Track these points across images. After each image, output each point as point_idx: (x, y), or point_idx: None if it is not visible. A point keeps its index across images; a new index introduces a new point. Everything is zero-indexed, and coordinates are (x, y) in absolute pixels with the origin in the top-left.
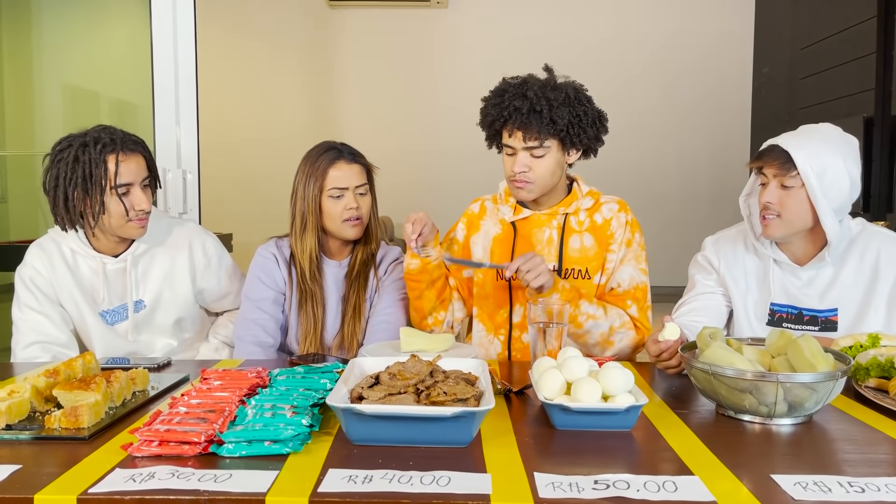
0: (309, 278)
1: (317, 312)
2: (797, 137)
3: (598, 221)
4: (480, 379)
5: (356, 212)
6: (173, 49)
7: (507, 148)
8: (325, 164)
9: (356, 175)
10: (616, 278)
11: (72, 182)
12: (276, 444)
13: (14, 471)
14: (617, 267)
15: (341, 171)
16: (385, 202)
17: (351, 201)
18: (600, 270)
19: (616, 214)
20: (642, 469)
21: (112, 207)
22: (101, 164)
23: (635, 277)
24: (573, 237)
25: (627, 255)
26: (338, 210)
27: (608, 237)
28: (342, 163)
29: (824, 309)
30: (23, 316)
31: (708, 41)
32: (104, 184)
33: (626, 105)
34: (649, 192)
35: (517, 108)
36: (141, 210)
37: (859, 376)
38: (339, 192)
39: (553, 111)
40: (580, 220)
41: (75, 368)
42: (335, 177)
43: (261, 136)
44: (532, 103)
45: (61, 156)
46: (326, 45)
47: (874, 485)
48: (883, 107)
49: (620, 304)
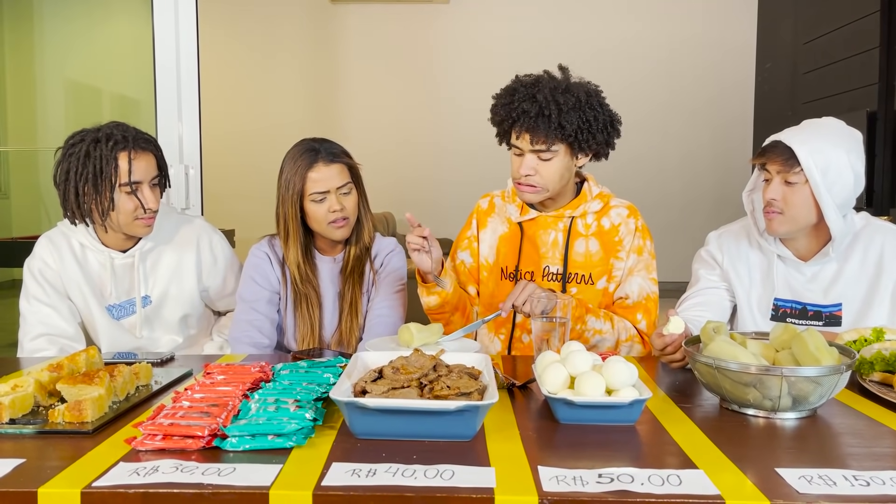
0: (300, 282)
1: (312, 314)
2: (801, 133)
3: (606, 226)
4: (484, 373)
5: (340, 213)
6: (175, 45)
7: (515, 148)
8: (303, 168)
9: (337, 175)
10: (625, 289)
11: (82, 177)
12: (280, 438)
13: (18, 464)
14: (626, 276)
15: (320, 173)
16: (387, 198)
17: (334, 203)
18: (605, 276)
19: (625, 220)
20: (646, 463)
21: (121, 205)
22: (111, 160)
23: (645, 288)
24: (579, 241)
25: (638, 265)
26: (321, 213)
27: (615, 244)
28: (320, 165)
29: (828, 304)
30: (31, 308)
31: (711, 36)
32: (114, 181)
33: (628, 103)
34: (652, 188)
35: (525, 110)
36: (149, 209)
37: (864, 370)
38: (320, 196)
39: (562, 116)
40: (587, 223)
41: (79, 363)
42: (315, 180)
43: (263, 132)
44: (541, 107)
45: (73, 150)
46: (329, 41)
47: (879, 478)
48: (886, 102)
49: (630, 317)
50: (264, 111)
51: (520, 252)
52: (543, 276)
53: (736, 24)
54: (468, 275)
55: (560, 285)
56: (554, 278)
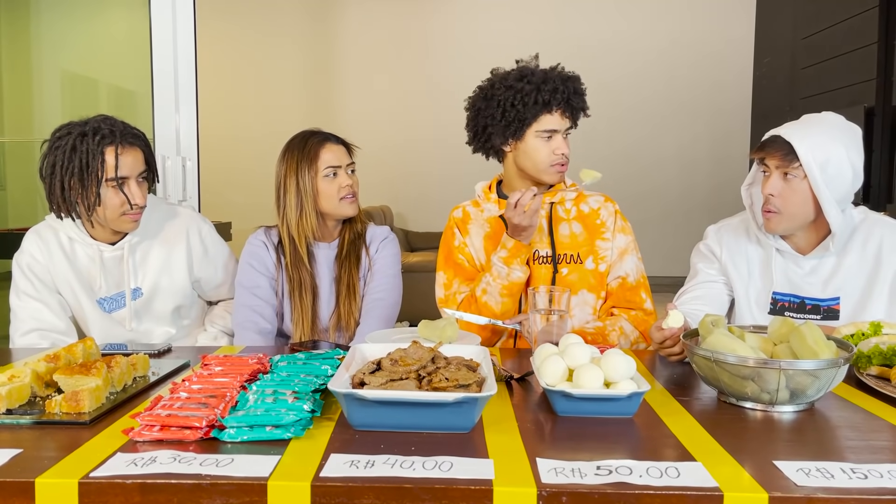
0: (292, 265)
1: (305, 298)
2: (800, 128)
3: (586, 210)
4: (482, 365)
5: (351, 188)
6: (173, 36)
7: (545, 133)
8: (316, 146)
9: (345, 154)
10: (623, 268)
11: (68, 171)
12: (278, 430)
13: (15, 455)
14: (619, 257)
15: (332, 151)
16: (385, 192)
17: (345, 178)
18: (591, 255)
19: (603, 204)
20: (644, 455)
21: (107, 200)
22: (98, 155)
23: (639, 266)
24: (562, 224)
25: (629, 246)
26: (333, 189)
27: (598, 226)
28: (331, 143)
29: (827, 298)
30: (20, 303)
31: (709, 30)
32: (100, 175)
33: (627, 96)
34: (649, 181)
35: (555, 87)
36: (136, 204)
37: (861, 364)
38: (333, 171)
39: (577, 83)
40: (567, 208)
41: (76, 353)
42: (328, 157)
43: (260, 125)
44: (574, 83)
45: (59, 143)
46: (326, 34)
47: (877, 471)
48: (884, 97)
49: (636, 298)
50: (262, 103)
51: None
52: (535, 259)
53: (734, 18)
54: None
55: (552, 267)
56: (545, 261)
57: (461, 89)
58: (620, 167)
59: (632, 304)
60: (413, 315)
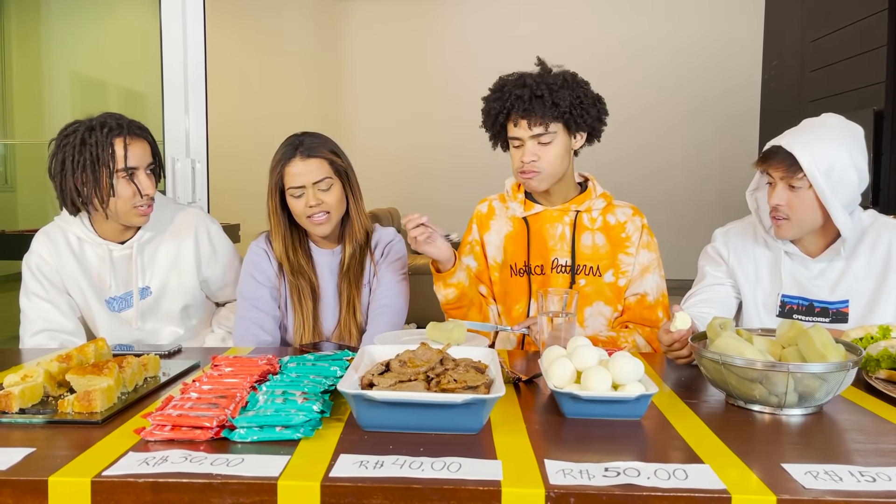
0: (291, 273)
1: (305, 306)
2: (801, 136)
3: (612, 222)
4: (490, 367)
5: (318, 208)
6: (182, 39)
7: (514, 140)
8: (281, 163)
9: (314, 171)
10: (643, 286)
11: (79, 165)
12: (288, 430)
13: (28, 453)
14: (640, 274)
15: (296, 167)
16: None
17: (311, 198)
18: (612, 269)
19: (630, 218)
20: (652, 457)
21: (121, 190)
22: (108, 146)
23: (661, 285)
24: (585, 234)
25: (653, 264)
26: (300, 208)
27: (622, 240)
28: (297, 160)
29: (835, 300)
30: (30, 304)
31: (718, 34)
32: (112, 166)
33: (636, 100)
34: (657, 184)
35: (518, 96)
36: (146, 195)
37: (870, 367)
38: (298, 192)
39: (554, 94)
40: (593, 217)
41: (88, 354)
42: (291, 175)
43: (269, 127)
44: (532, 89)
45: (67, 140)
46: (335, 37)
47: (885, 474)
48: (893, 100)
49: (653, 316)
50: (270, 106)
51: (528, 246)
52: (553, 268)
53: (743, 21)
54: (474, 278)
55: (569, 277)
56: (563, 270)
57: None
58: (629, 171)
59: (647, 322)
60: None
